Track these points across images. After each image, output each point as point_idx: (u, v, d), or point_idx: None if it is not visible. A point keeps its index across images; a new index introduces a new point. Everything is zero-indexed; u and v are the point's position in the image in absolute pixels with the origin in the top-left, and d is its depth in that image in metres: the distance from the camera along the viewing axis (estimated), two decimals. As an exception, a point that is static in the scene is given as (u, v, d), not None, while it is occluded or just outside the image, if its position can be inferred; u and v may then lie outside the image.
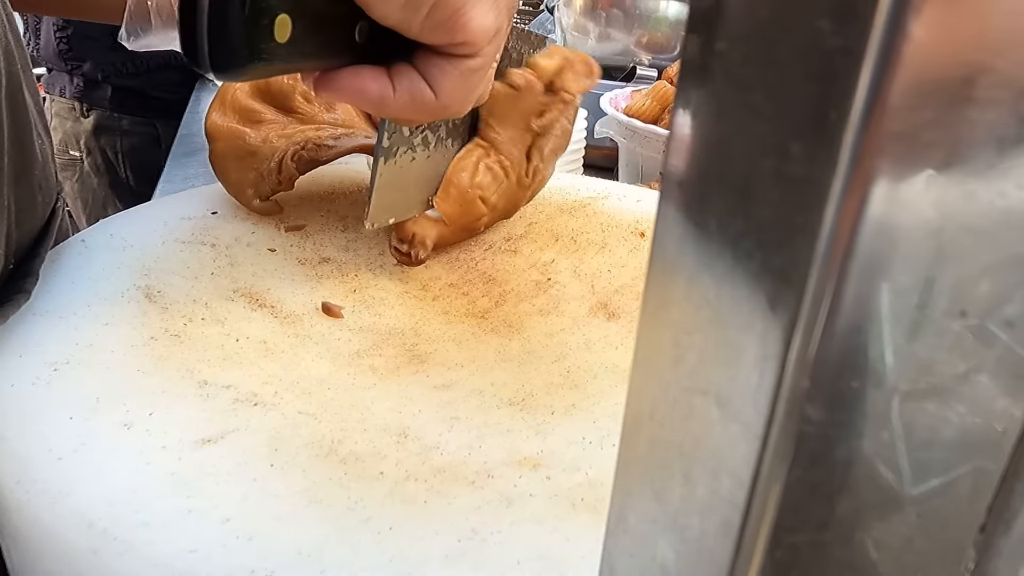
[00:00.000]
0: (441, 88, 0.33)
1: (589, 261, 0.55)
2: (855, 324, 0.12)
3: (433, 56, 0.33)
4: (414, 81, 0.33)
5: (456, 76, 0.33)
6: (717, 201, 0.14)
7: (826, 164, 0.11)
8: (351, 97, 0.34)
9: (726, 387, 0.14)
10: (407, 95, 0.33)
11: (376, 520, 0.28)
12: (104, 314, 0.40)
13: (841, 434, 0.13)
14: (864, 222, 0.11)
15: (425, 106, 0.34)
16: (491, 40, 0.33)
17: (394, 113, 0.35)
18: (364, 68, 0.33)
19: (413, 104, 0.34)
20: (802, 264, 0.12)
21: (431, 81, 0.33)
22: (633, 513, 0.18)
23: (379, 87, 0.33)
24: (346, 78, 0.33)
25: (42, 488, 0.28)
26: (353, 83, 0.33)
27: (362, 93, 0.33)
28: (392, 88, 0.33)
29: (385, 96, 0.33)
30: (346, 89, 0.33)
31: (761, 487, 0.13)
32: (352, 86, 0.33)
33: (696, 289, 0.14)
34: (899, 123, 0.11)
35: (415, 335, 0.44)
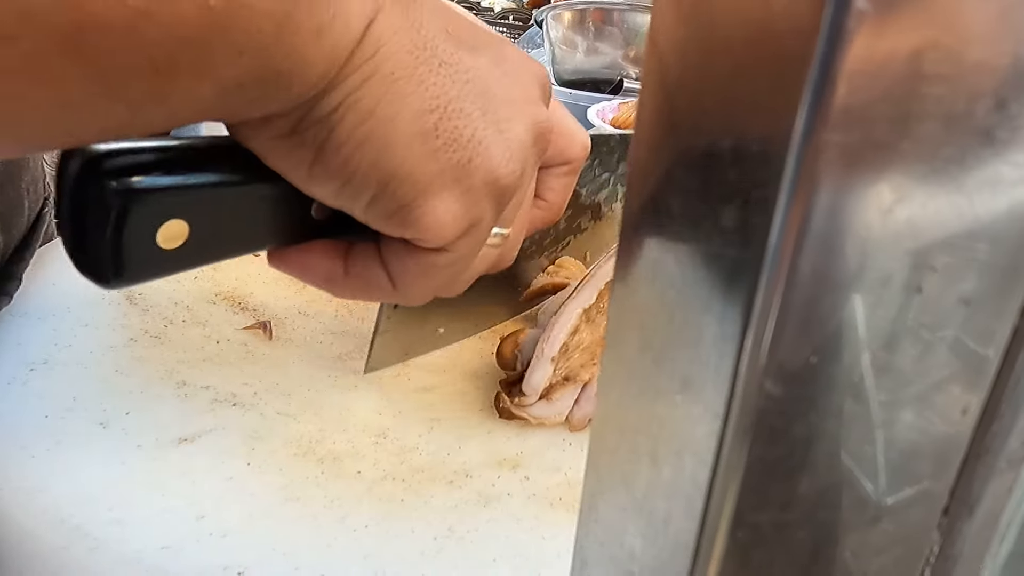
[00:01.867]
0: (399, 279, 0.28)
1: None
2: (812, 298, 0.12)
3: (395, 242, 0.27)
4: (370, 266, 0.28)
5: (417, 268, 0.27)
6: (679, 183, 0.14)
7: (780, 142, 0.11)
8: (297, 274, 0.29)
9: (689, 368, 0.14)
10: (360, 280, 0.28)
11: (352, 518, 0.28)
12: (84, 316, 0.39)
13: (799, 410, 0.13)
14: (816, 200, 0.11)
15: (381, 294, 0.28)
16: (463, 235, 0.26)
17: (346, 295, 0.29)
18: (315, 246, 0.28)
19: (367, 290, 0.29)
20: (757, 244, 0.12)
21: (389, 268, 0.28)
22: (603, 502, 0.18)
23: (328, 267, 0.28)
24: (294, 256, 0.28)
25: (15, 486, 0.28)
26: (299, 262, 0.28)
27: (307, 271, 0.28)
28: (344, 269, 0.28)
29: (335, 277, 0.28)
30: (291, 266, 0.28)
31: (723, 466, 0.13)
32: (298, 264, 0.28)
33: (660, 272, 0.15)
34: (850, 98, 0.11)
35: (398, 339, 0.44)
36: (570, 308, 0.40)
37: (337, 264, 0.28)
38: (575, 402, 0.38)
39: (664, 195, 0.14)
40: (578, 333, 0.41)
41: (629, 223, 0.15)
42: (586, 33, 1.13)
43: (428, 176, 0.24)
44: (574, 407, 0.37)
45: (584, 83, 1.13)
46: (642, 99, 0.14)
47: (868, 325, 0.13)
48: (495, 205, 0.27)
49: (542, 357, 0.38)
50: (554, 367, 0.38)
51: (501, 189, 0.27)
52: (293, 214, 0.26)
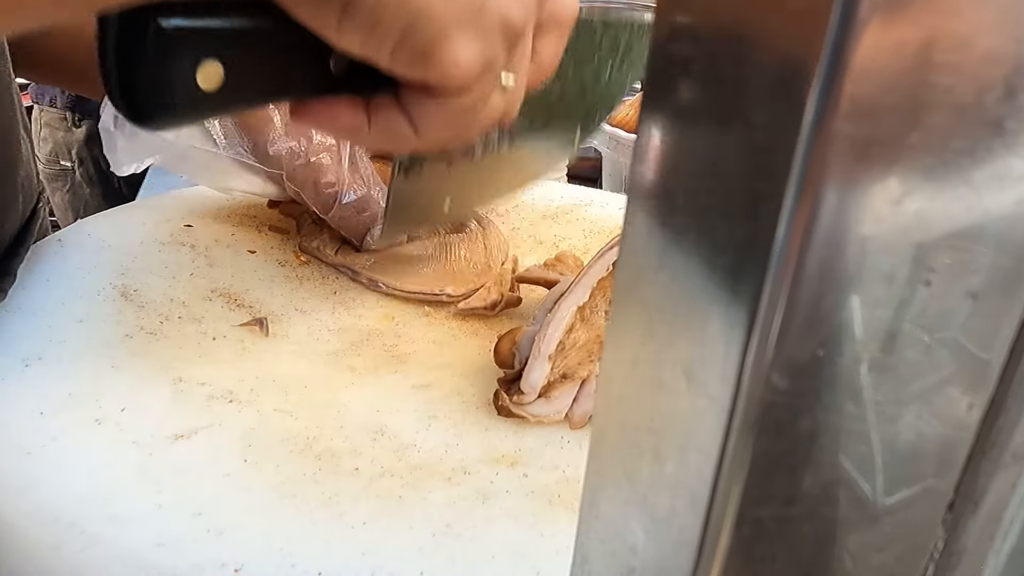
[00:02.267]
0: (422, 126, 0.30)
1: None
2: (819, 291, 0.12)
3: (415, 91, 0.29)
4: (392, 116, 0.30)
5: (439, 115, 0.29)
6: (684, 174, 0.14)
7: (789, 133, 0.11)
8: (322, 127, 0.31)
9: (694, 360, 0.14)
10: (384, 130, 0.30)
11: (350, 515, 0.28)
12: (79, 312, 0.39)
13: (805, 404, 0.13)
14: (825, 191, 0.11)
15: (405, 142, 0.30)
16: (480, 76, 0.28)
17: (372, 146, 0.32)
18: (338, 99, 0.30)
19: (391, 139, 0.30)
20: (765, 234, 0.12)
21: (412, 117, 0.30)
22: (604, 498, 0.18)
23: (352, 119, 0.30)
24: (316, 109, 0.30)
25: (9, 482, 0.28)
26: (323, 114, 0.30)
27: (333, 124, 0.30)
28: (367, 121, 0.30)
29: (359, 129, 0.30)
30: (315, 119, 0.30)
31: (728, 460, 0.13)
32: (322, 117, 0.30)
33: (664, 264, 0.14)
34: (860, 87, 0.11)
35: (395, 336, 0.44)
36: (565, 306, 0.40)
37: (360, 116, 0.30)
38: (574, 400, 0.37)
39: (668, 185, 0.14)
40: (574, 331, 0.40)
41: (632, 213, 0.15)
42: (583, 32, 1.13)
43: (448, 16, 0.26)
44: (573, 405, 0.37)
45: (581, 82, 1.13)
46: (646, 90, 0.14)
47: (874, 319, 0.12)
48: (507, 46, 0.29)
49: (539, 355, 0.38)
50: (552, 365, 0.38)
51: (512, 30, 0.29)
52: (315, 66, 0.28)
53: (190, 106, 0.25)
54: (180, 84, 0.24)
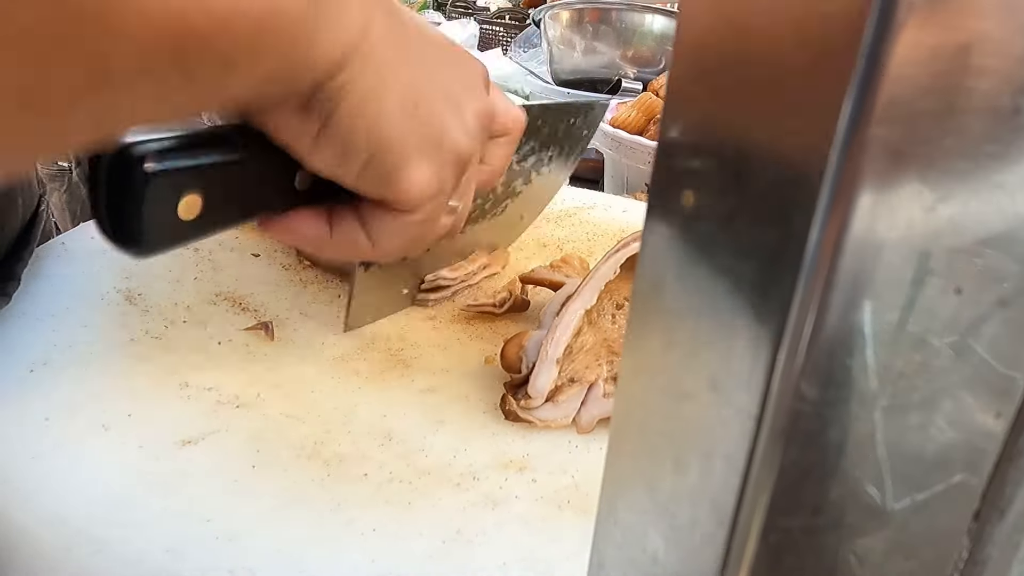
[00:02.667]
0: (378, 238, 0.33)
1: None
2: (851, 298, 0.12)
3: (373, 206, 0.32)
4: (351, 227, 0.33)
5: (393, 228, 0.33)
6: (709, 179, 0.13)
7: (823, 137, 0.11)
8: (289, 240, 0.34)
9: (719, 369, 0.14)
10: (343, 240, 0.33)
11: (359, 521, 0.27)
12: (84, 316, 0.39)
13: (834, 413, 0.13)
14: (863, 185, 0.11)
15: (362, 251, 0.34)
16: (432, 198, 0.32)
17: (332, 254, 0.35)
18: (303, 212, 0.32)
19: (349, 248, 0.33)
20: (796, 240, 0.12)
21: (368, 229, 0.33)
22: (623, 504, 0.18)
23: (315, 231, 0.33)
24: (284, 222, 0.32)
25: (16, 487, 0.28)
26: (290, 227, 0.32)
27: (298, 236, 0.33)
28: (329, 231, 0.33)
29: (322, 239, 0.33)
30: (283, 232, 0.33)
31: (755, 470, 0.13)
32: (289, 229, 0.33)
33: (688, 271, 0.14)
34: (896, 91, 0.10)
35: (400, 340, 0.44)
36: (572, 309, 0.40)
37: (323, 227, 0.33)
38: (581, 404, 0.37)
39: (692, 191, 0.14)
40: (581, 335, 0.40)
41: (653, 220, 0.15)
42: (584, 33, 1.13)
43: (409, 146, 0.30)
44: (580, 409, 0.37)
45: (581, 83, 1.13)
46: (669, 93, 0.14)
47: (905, 326, 0.12)
48: (456, 174, 0.34)
49: (547, 359, 0.38)
50: (559, 369, 0.38)
51: (461, 160, 0.33)
52: (282, 185, 0.31)
53: (171, 235, 0.27)
54: (163, 217, 0.26)
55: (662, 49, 1.10)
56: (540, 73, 1.19)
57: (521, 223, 0.55)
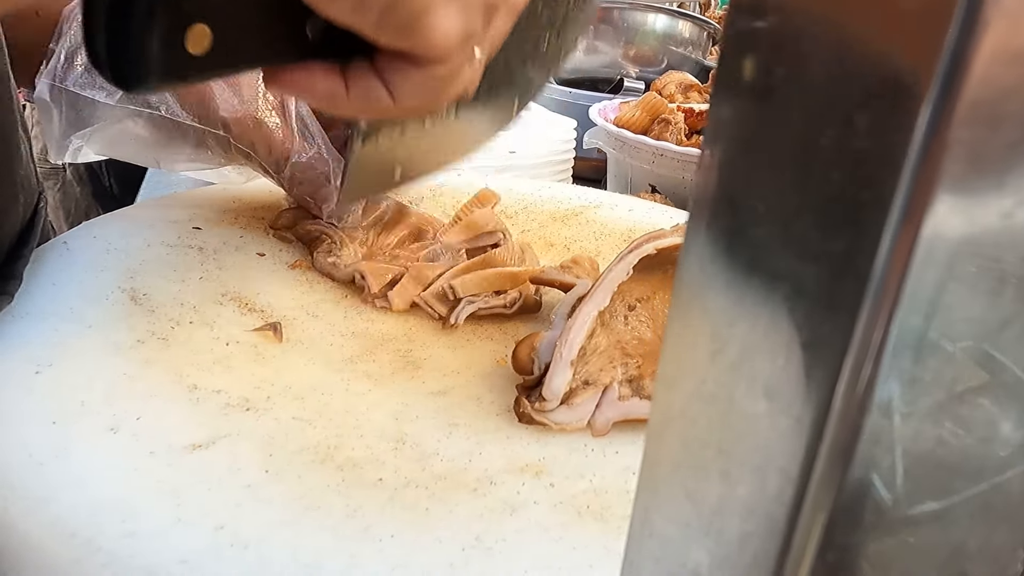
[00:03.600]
0: (400, 93, 0.30)
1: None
2: (922, 308, 0.11)
3: (394, 58, 0.29)
4: (370, 83, 0.30)
5: (417, 83, 0.30)
6: (766, 178, 0.13)
7: (900, 138, 0.10)
8: (299, 93, 0.31)
9: (775, 378, 0.13)
10: (361, 97, 0.30)
11: (376, 528, 0.27)
12: (88, 316, 0.38)
13: (901, 427, 0.12)
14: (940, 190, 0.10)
15: (381, 109, 0.31)
16: (461, 46, 0.30)
17: (348, 113, 0.32)
18: (314, 65, 0.30)
19: (368, 106, 0.31)
20: (868, 245, 0.11)
21: (389, 84, 0.30)
22: (660, 516, 0.17)
23: (329, 86, 0.30)
24: (293, 75, 0.30)
25: (22, 495, 0.27)
26: (300, 80, 0.30)
27: (310, 91, 0.30)
28: (345, 87, 0.30)
29: (336, 95, 0.30)
30: (292, 86, 0.30)
31: (814, 484, 0.13)
32: (299, 83, 0.30)
33: (742, 276, 0.14)
34: (981, 92, 0.10)
35: (408, 341, 0.43)
36: (585, 311, 0.40)
37: (338, 81, 0.30)
38: (596, 407, 0.37)
39: (745, 192, 0.13)
40: (594, 336, 0.40)
41: (698, 220, 0.14)
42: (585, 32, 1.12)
43: None
44: (595, 412, 0.36)
45: (583, 82, 1.12)
46: (719, 87, 0.13)
47: (977, 337, 0.12)
48: (484, 20, 0.31)
49: (561, 361, 0.37)
50: (573, 371, 0.37)
51: (491, 7, 0.30)
52: (292, 29, 0.28)
53: (177, 69, 0.25)
54: (169, 48, 0.24)
55: (664, 48, 1.10)
56: (541, 71, 1.18)
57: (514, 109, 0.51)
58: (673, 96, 0.94)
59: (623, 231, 0.61)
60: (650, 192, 0.83)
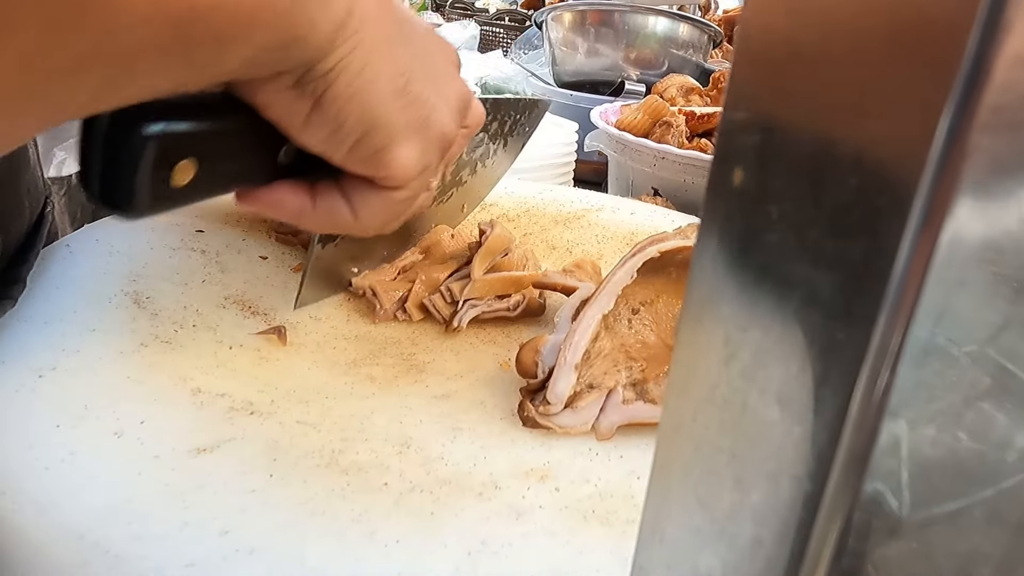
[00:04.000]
0: (361, 213, 0.33)
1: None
2: (940, 315, 0.11)
3: (358, 182, 0.32)
4: (335, 201, 0.33)
5: (377, 205, 0.33)
6: (780, 185, 0.13)
7: (918, 145, 0.10)
8: (269, 210, 0.33)
9: (789, 385, 0.13)
10: (327, 213, 0.33)
11: (382, 532, 0.27)
12: (91, 320, 0.38)
13: (918, 434, 0.12)
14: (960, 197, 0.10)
15: (344, 225, 0.34)
16: (419, 176, 0.33)
17: (312, 227, 0.35)
18: (284, 186, 0.32)
19: (332, 222, 0.34)
20: (886, 252, 0.11)
21: (352, 203, 0.33)
22: (671, 522, 0.17)
23: (298, 203, 0.33)
24: (266, 194, 0.32)
25: (28, 499, 0.27)
26: (271, 198, 0.32)
27: (280, 209, 0.33)
28: (312, 204, 0.33)
29: (304, 212, 0.33)
30: (264, 202, 0.32)
31: (830, 492, 0.13)
32: (270, 202, 0.32)
33: (754, 281, 0.14)
34: (1003, 96, 0.10)
35: (412, 344, 0.43)
36: (590, 314, 0.40)
37: (305, 199, 0.33)
38: (600, 410, 0.37)
39: (759, 200, 0.13)
40: (598, 340, 0.40)
41: (710, 224, 0.14)
42: (586, 35, 1.12)
43: (399, 126, 0.31)
44: (600, 416, 0.36)
45: (584, 85, 1.13)
46: (731, 94, 0.13)
47: (996, 342, 0.12)
48: (440, 154, 0.34)
49: (565, 365, 0.37)
50: (577, 375, 0.37)
51: (445, 141, 0.34)
52: (268, 157, 0.31)
53: (162, 200, 0.27)
54: (157, 181, 0.26)
55: (665, 51, 1.10)
56: (542, 75, 1.19)
57: (462, 213, 0.57)
58: (674, 99, 0.94)
59: (625, 234, 0.61)
60: (652, 195, 0.83)
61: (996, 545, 0.15)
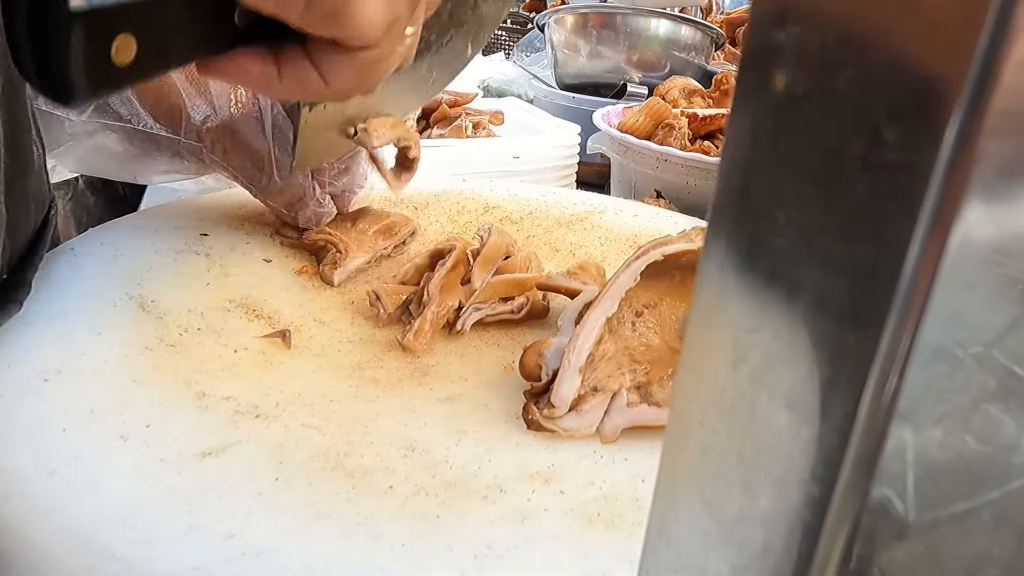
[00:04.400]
0: (331, 77, 0.31)
1: (590, 274, 0.54)
2: (950, 320, 0.11)
3: (323, 44, 0.30)
4: (302, 68, 0.30)
5: (347, 66, 0.30)
6: (790, 191, 0.13)
7: (925, 147, 0.10)
8: (232, 79, 0.31)
9: (798, 389, 0.13)
10: (294, 81, 0.31)
11: (388, 536, 0.27)
12: (96, 323, 0.38)
13: (922, 439, 0.12)
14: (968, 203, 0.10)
15: (315, 92, 0.31)
16: (388, 31, 0.30)
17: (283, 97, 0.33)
18: (245, 52, 0.30)
19: (302, 89, 0.31)
20: (893, 257, 0.11)
21: (321, 69, 0.30)
22: (678, 525, 0.17)
23: (262, 71, 0.30)
24: (226, 63, 0.30)
25: (33, 504, 0.27)
26: (232, 68, 0.30)
27: (243, 77, 0.30)
28: (278, 72, 0.30)
29: (270, 80, 0.30)
30: (225, 73, 0.30)
31: (839, 496, 0.13)
32: (232, 71, 0.30)
33: (763, 285, 0.14)
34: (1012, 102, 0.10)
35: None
36: (594, 317, 0.40)
37: (270, 67, 0.30)
38: (604, 413, 0.37)
39: (766, 201, 0.13)
40: (602, 343, 0.40)
41: (718, 227, 0.14)
42: (588, 37, 1.12)
43: None
44: (604, 418, 0.36)
45: (586, 87, 1.13)
46: (741, 96, 0.13)
47: (1006, 341, 0.12)
48: (410, 4, 0.31)
49: (569, 368, 0.37)
50: (581, 378, 0.37)
51: None
52: (220, 22, 0.28)
53: (105, 81, 0.24)
54: (94, 61, 0.23)
55: (667, 53, 1.10)
56: (544, 77, 1.19)
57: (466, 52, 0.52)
58: (676, 101, 0.94)
59: (628, 236, 0.61)
60: (655, 197, 0.83)
61: (1003, 548, 0.15)
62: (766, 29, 0.13)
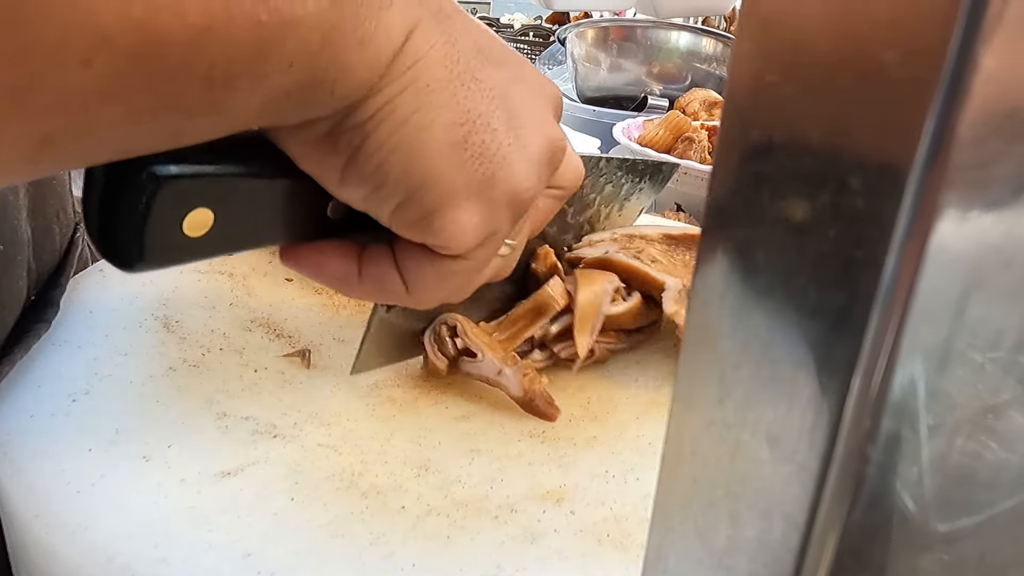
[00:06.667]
0: (414, 283, 0.28)
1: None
2: (916, 363, 0.12)
3: (412, 248, 0.27)
4: (385, 269, 0.28)
5: (433, 275, 0.28)
6: (767, 234, 0.13)
7: (890, 198, 0.11)
8: (310, 273, 0.29)
9: (777, 425, 0.13)
10: (374, 282, 0.29)
11: (399, 556, 0.27)
12: (122, 344, 0.39)
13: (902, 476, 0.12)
14: (928, 257, 0.11)
15: (394, 296, 0.29)
16: (482, 243, 0.27)
17: (359, 296, 0.30)
18: (329, 246, 0.28)
19: (381, 292, 0.29)
20: (863, 301, 0.11)
21: (405, 272, 0.28)
22: (673, 552, 0.17)
23: (342, 267, 0.28)
24: (307, 253, 0.28)
25: (61, 522, 0.28)
26: (313, 259, 0.28)
27: (322, 271, 0.29)
28: (358, 271, 0.29)
29: (348, 278, 0.29)
30: (304, 264, 0.29)
31: (818, 530, 0.13)
32: (312, 263, 0.28)
33: (744, 324, 0.14)
34: (967, 156, 0.10)
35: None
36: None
37: (351, 265, 0.29)
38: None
39: (746, 239, 0.14)
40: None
41: (705, 261, 0.15)
42: (609, 50, 1.13)
43: (455, 186, 0.25)
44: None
45: (607, 100, 1.13)
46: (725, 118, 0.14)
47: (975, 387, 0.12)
48: (512, 217, 0.28)
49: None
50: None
51: (520, 203, 0.27)
52: (311, 211, 0.27)
53: (170, 252, 0.23)
54: (166, 231, 0.23)
55: (688, 65, 1.10)
56: (565, 90, 1.20)
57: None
58: (697, 114, 0.94)
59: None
60: (675, 211, 0.84)
61: (1020, 553, 0.15)
62: (749, 80, 0.13)
